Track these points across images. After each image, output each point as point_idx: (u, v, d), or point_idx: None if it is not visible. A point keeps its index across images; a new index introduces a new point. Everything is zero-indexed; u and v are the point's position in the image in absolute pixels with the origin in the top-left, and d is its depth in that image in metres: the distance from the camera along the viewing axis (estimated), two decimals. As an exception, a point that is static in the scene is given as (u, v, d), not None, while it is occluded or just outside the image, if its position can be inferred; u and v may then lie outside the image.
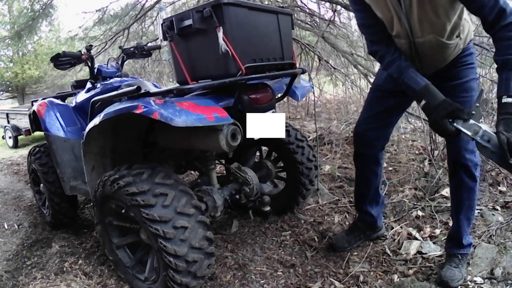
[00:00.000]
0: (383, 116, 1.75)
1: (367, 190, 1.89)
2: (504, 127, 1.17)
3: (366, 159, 1.83)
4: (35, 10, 5.10)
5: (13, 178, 4.20)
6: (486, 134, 1.23)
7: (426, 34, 1.41)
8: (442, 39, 1.41)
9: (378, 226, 1.97)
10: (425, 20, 1.36)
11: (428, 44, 1.44)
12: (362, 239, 1.97)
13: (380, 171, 1.88)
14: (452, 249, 1.68)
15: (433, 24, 1.36)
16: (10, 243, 2.37)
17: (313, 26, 3.92)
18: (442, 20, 1.35)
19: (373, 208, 1.92)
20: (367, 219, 1.94)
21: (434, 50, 1.46)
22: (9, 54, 13.12)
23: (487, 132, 1.23)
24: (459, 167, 1.56)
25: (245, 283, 1.74)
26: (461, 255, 1.66)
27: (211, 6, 1.36)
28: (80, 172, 1.99)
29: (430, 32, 1.40)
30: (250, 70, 1.44)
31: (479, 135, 1.24)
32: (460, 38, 1.45)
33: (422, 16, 1.35)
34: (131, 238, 1.68)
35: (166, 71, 7.03)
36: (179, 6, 5.32)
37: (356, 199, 1.99)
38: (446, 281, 1.55)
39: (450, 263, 1.63)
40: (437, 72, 1.56)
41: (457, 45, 1.47)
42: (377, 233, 1.99)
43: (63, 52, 2.11)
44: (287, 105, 6.10)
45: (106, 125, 1.55)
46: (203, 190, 1.81)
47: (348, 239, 1.95)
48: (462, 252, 1.66)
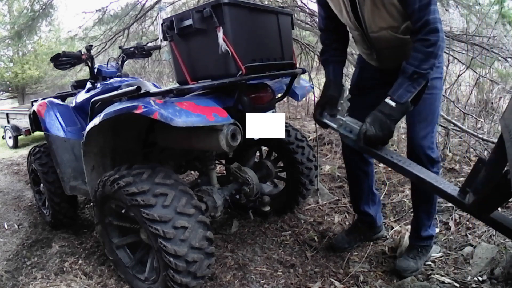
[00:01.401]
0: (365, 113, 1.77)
1: (361, 190, 1.91)
2: (370, 120, 1.35)
3: (355, 159, 1.84)
4: (35, 10, 5.10)
5: (13, 178, 4.20)
6: (348, 126, 1.48)
7: (380, 30, 1.43)
8: (397, 34, 1.42)
9: (377, 226, 1.97)
10: (377, 16, 1.38)
11: (383, 39, 1.46)
12: (362, 240, 1.97)
13: (371, 170, 1.89)
14: (412, 240, 1.75)
15: (386, 20, 1.38)
16: (10, 243, 2.37)
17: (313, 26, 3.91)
18: (395, 16, 1.36)
19: (370, 208, 1.92)
20: (366, 219, 1.94)
21: (390, 44, 1.48)
22: (9, 54, 13.11)
23: (348, 124, 1.48)
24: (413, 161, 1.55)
25: (245, 283, 1.73)
26: (421, 246, 1.71)
27: (211, 6, 1.36)
28: (80, 172, 1.99)
29: (384, 27, 1.41)
30: (250, 70, 1.44)
31: (342, 127, 1.49)
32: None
33: (375, 12, 1.36)
34: (131, 238, 1.68)
35: (166, 71, 7.03)
36: (179, 6, 5.31)
37: (353, 201, 2.01)
38: (399, 271, 1.66)
39: (408, 253, 1.71)
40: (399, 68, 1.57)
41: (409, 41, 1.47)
42: (377, 234, 1.99)
43: (63, 52, 2.11)
44: (287, 105, 6.10)
45: (106, 125, 1.54)
46: (203, 190, 1.81)
47: (348, 240, 1.95)
48: (421, 244, 1.72)
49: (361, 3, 1.37)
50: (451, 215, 2.10)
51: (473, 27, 3.42)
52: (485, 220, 1.19)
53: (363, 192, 1.90)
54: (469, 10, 3.48)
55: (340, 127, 1.50)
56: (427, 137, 1.54)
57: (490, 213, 1.10)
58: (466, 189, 1.17)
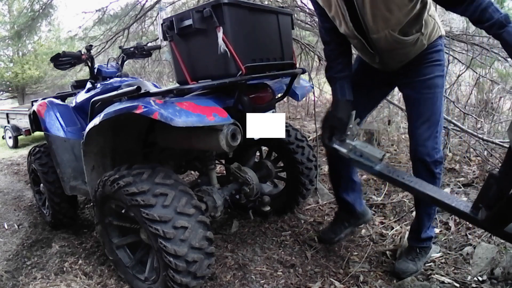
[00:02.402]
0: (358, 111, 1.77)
1: (339, 179, 1.92)
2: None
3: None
4: (35, 10, 5.09)
5: (13, 178, 4.20)
6: (358, 151, 1.45)
7: (381, 30, 1.42)
8: (398, 34, 1.42)
9: (358, 212, 1.96)
10: (378, 16, 1.37)
11: (384, 40, 1.45)
12: (347, 227, 1.97)
13: None
14: (411, 242, 1.75)
15: (387, 19, 1.37)
16: (10, 243, 2.37)
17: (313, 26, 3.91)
18: (396, 15, 1.35)
19: (349, 195, 1.92)
20: (345, 207, 1.96)
21: (392, 45, 1.47)
22: (9, 54, 13.09)
23: (358, 149, 1.45)
24: (417, 162, 1.57)
25: (245, 283, 1.73)
26: (419, 248, 1.71)
27: (211, 6, 1.36)
28: (80, 172, 1.99)
29: (384, 28, 1.40)
30: (250, 70, 1.44)
31: (352, 151, 1.46)
32: (421, 34, 1.45)
33: (376, 12, 1.35)
34: (131, 238, 1.68)
35: (166, 71, 7.03)
36: (179, 6, 5.31)
37: (333, 188, 2.02)
38: (398, 273, 1.65)
39: (407, 255, 1.71)
40: (402, 68, 1.58)
41: (418, 40, 1.47)
42: (362, 219, 2.00)
43: (63, 52, 2.11)
44: (287, 105, 6.10)
45: (106, 125, 1.54)
46: (203, 190, 1.81)
47: (333, 230, 1.97)
48: (420, 245, 1.71)
49: (361, 6, 1.36)
50: (451, 215, 2.10)
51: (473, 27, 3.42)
52: (499, 235, 1.19)
53: (343, 179, 1.90)
54: (469, 10, 3.47)
55: (350, 151, 1.47)
56: (431, 138, 1.53)
57: (504, 227, 1.10)
58: (479, 205, 1.17)
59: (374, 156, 1.41)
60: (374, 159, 1.41)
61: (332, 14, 1.48)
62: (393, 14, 1.35)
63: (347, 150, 1.48)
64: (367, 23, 1.41)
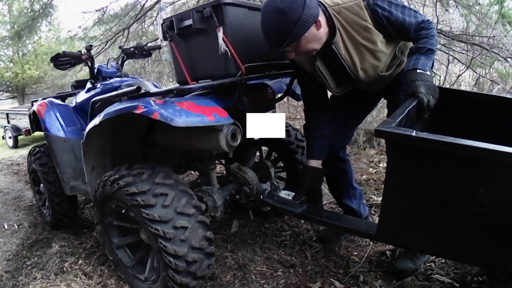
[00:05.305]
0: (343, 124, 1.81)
1: (340, 187, 1.93)
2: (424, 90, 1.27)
3: (331, 157, 1.83)
4: (35, 10, 5.10)
5: (13, 178, 4.20)
6: (281, 199, 1.76)
7: (371, 76, 1.48)
8: (384, 72, 1.50)
9: (362, 217, 1.97)
10: (368, 68, 1.44)
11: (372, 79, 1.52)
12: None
13: (348, 166, 1.91)
14: None
15: (376, 67, 1.45)
16: (10, 243, 2.37)
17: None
18: (383, 60, 1.44)
19: (353, 202, 1.93)
20: (351, 213, 1.95)
21: (377, 80, 1.54)
22: (9, 54, 13.12)
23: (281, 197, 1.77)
24: None
25: (245, 283, 1.73)
26: None
27: (211, 6, 1.36)
28: (80, 172, 1.99)
29: (373, 73, 1.48)
30: (250, 70, 1.44)
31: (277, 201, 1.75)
32: (404, 55, 1.51)
33: (364, 63, 1.42)
34: (131, 238, 1.68)
35: (166, 71, 7.03)
36: (179, 6, 5.32)
37: (334, 196, 2.03)
38: (397, 272, 1.66)
39: (406, 254, 1.71)
40: (387, 86, 1.64)
41: (401, 62, 1.53)
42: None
43: (63, 52, 2.11)
44: (287, 105, 6.09)
45: (106, 125, 1.55)
46: (203, 190, 1.81)
47: (335, 231, 1.97)
48: None
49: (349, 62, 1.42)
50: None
51: (473, 27, 3.43)
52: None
53: (342, 188, 1.92)
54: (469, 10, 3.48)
55: (276, 202, 1.75)
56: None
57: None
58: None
59: (294, 202, 1.66)
60: (295, 205, 1.65)
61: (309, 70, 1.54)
62: (381, 61, 1.42)
63: (272, 201, 1.75)
64: (359, 75, 1.46)
